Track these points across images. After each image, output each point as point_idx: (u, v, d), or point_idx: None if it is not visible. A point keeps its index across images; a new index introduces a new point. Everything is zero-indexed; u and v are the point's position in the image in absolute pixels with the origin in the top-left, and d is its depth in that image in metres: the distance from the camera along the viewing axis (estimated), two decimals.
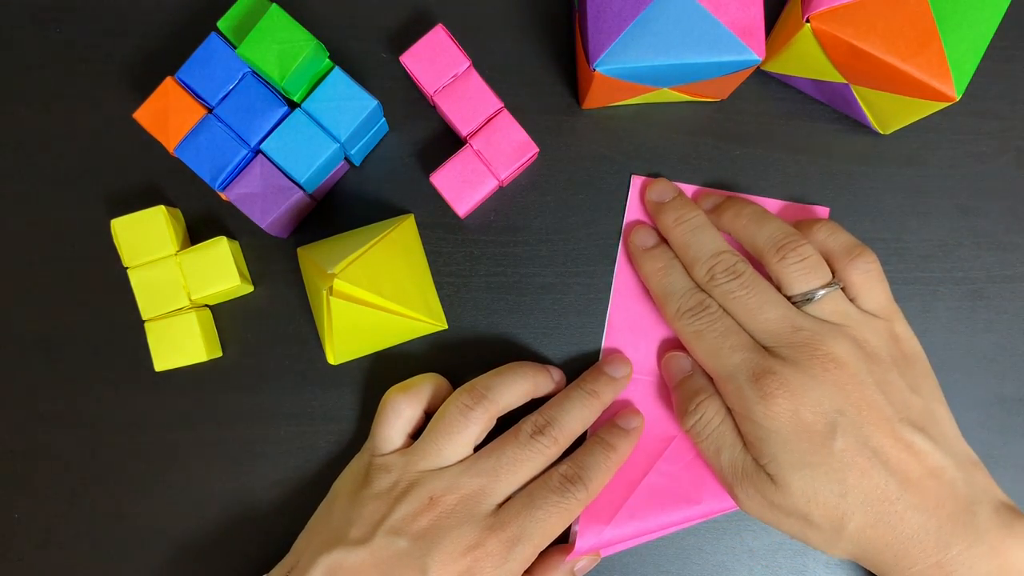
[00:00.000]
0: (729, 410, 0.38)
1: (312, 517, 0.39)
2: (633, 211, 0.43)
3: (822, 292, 0.37)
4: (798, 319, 0.37)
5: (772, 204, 0.43)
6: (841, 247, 0.38)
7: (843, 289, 0.38)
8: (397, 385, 0.40)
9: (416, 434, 0.40)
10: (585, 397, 0.39)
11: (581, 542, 0.39)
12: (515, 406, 0.39)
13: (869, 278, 0.38)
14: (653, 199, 0.42)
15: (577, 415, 0.38)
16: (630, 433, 0.39)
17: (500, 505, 0.37)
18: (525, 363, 0.40)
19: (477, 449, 0.38)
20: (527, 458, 0.37)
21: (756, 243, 0.39)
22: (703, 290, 0.39)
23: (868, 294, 0.38)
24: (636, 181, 0.43)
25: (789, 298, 0.37)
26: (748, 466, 0.36)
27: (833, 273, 0.38)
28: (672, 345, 0.42)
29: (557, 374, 0.41)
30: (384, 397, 0.40)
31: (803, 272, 0.37)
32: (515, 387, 0.39)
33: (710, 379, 0.39)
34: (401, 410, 0.39)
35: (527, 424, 0.38)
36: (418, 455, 0.37)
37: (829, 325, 0.36)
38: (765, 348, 0.37)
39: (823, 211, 0.43)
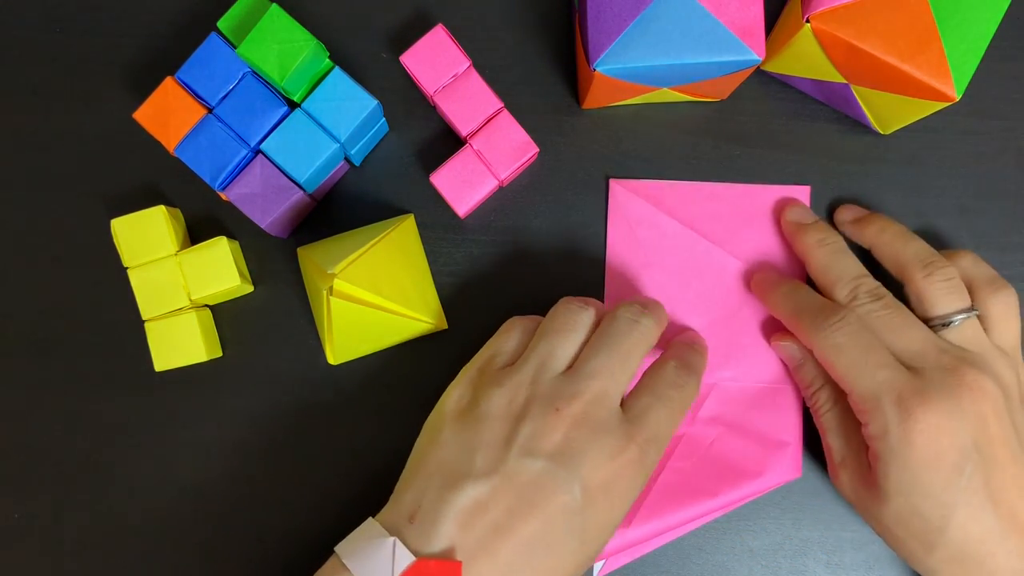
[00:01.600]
0: (839, 398, 0.38)
1: (412, 455, 0.35)
2: (616, 215, 0.42)
3: (961, 317, 0.37)
4: (941, 342, 0.36)
5: (750, 188, 0.42)
6: (984, 277, 0.38)
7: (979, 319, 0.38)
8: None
9: None
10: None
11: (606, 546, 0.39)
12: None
13: (1009, 312, 0.38)
14: (794, 220, 0.41)
15: (659, 309, 0.38)
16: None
17: (620, 404, 0.35)
18: None
19: None
20: (635, 344, 0.35)
21: (901, 258, 0.38)
22: None
23: (1003, 329, 0.37)
24: (614, 185, 0.42)
25: (926, 321, 0.37)
26: (860, 462, 0.37)
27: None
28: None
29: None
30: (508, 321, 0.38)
31: (948, 292, 0.37)
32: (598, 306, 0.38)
33: (821, 370, 0.39)
34: (519, 329, 0.37)
35: (625, 310, 0.36)
36: (530, 363, 0.35)
37: (972, 352, 0.36)
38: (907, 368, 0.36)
39: (803, 190, 0.43)
